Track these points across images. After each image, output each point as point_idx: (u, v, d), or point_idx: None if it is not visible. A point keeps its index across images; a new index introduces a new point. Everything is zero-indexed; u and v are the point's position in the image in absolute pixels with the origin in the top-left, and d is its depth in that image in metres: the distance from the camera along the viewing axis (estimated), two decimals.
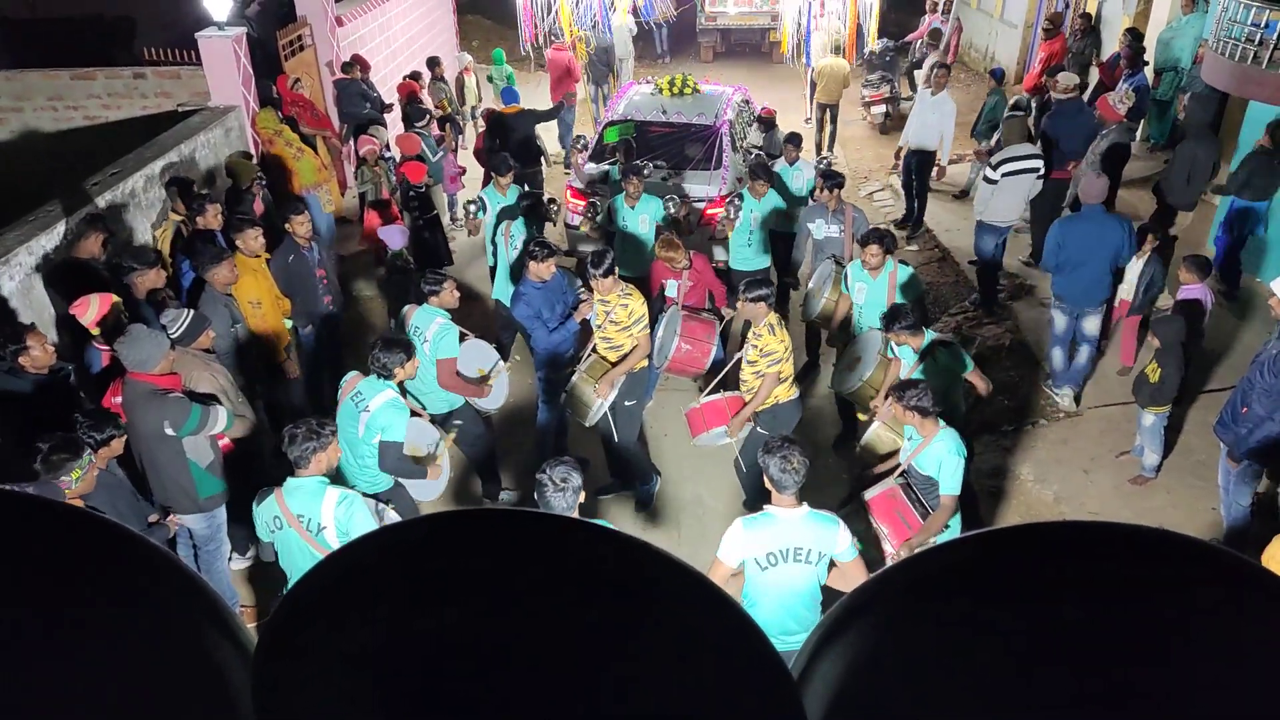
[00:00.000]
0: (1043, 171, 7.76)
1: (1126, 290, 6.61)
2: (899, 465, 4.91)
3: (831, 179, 7.05)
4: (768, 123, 9.72)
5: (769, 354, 5.28)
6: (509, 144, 8.94)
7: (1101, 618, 0.51)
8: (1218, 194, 8.24)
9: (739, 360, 5.58)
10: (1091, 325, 6.78)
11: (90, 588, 0.54)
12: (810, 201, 7.51)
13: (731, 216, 7.37)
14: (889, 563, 4.57)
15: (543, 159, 9.67)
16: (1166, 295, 7.12)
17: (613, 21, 13.47)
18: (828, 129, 12.20)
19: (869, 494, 4.78)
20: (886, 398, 5.29)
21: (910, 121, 9.63)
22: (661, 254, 6.42)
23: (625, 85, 10.96)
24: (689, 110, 9.23)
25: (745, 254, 7.42)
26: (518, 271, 6.62)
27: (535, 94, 11.70)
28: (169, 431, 4.54)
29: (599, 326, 5.81)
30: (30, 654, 0.49)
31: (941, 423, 4.63)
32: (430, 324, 5.48)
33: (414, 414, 5.05)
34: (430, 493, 5.28)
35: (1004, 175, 7.66)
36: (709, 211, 8.22)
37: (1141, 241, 6.62)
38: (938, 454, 4.58)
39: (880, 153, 12.41)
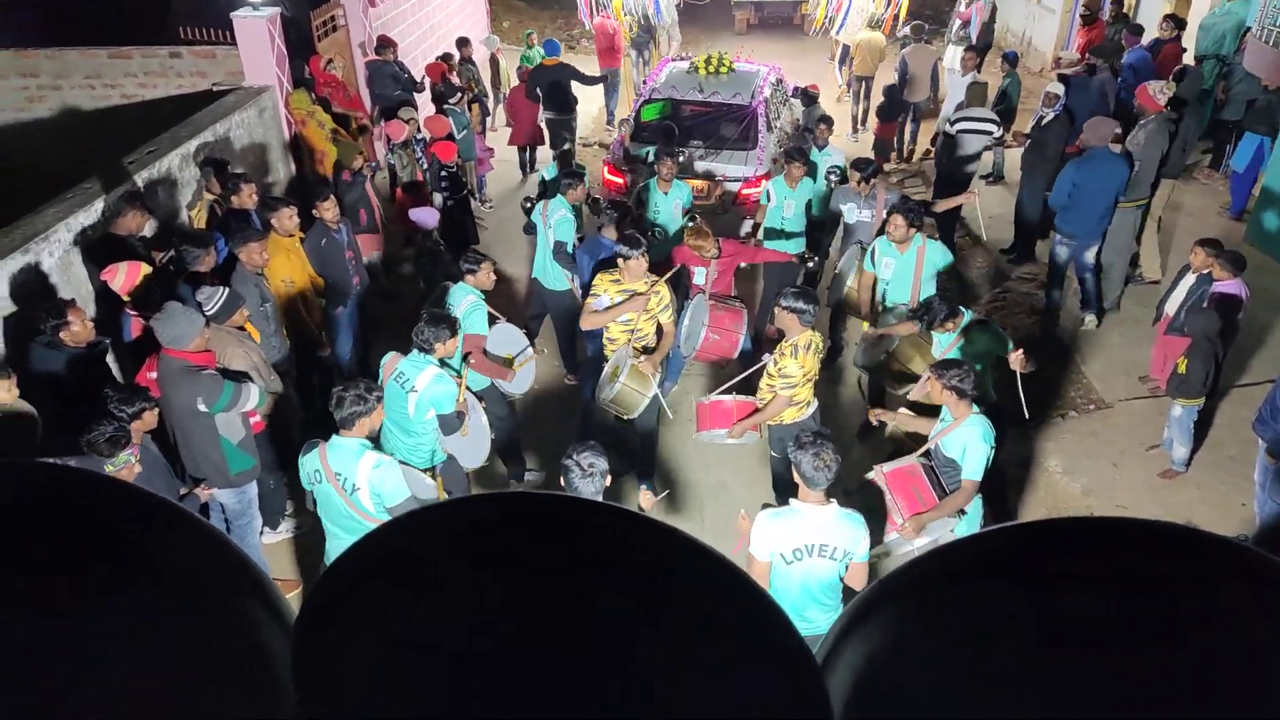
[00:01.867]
0: (997, 135, 8.67)
1: (1172, 306, 6.39)
2: (925, 442, 4.86)
3: (864, 167, 7.00)
4: (811, 98, 9.82)
5: (786, 376, 5.09)
6: (545, 90, 10.21)
7: (1127, 613, 0.51)
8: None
9: (763, 366, 5.44)
10: (1091, 254, 7.40)
11: (135, 560, 0.55)
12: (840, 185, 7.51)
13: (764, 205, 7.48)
14: (894, 534, 4.54)
15: (575, 109, 10.59)
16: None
17: None
18: (862, 103, 12.35)
19: (886, 466, 4.70)
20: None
21: (944, 106, 9.59)
22: (690, 241, 6.37)
23: (663, 60, 11.12)
24: (725, 89, 9.27)
25: (779, 241, 7.40)
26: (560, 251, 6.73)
27: (586, 67, 12.19)
28: (202, 408, 4.62)
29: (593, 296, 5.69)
30: (77, 625, 0.50)
31: (976, 408, 4.55)
32: (461, 301, 5.52)
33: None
34: (475, 459, 5.32)
35: (957, 131, 8.61)
36: (744, 192, 8.29)
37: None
38: (964, 438, 4.50)
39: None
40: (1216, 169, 10.32)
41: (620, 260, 5.58)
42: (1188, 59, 10.37)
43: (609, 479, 3.88)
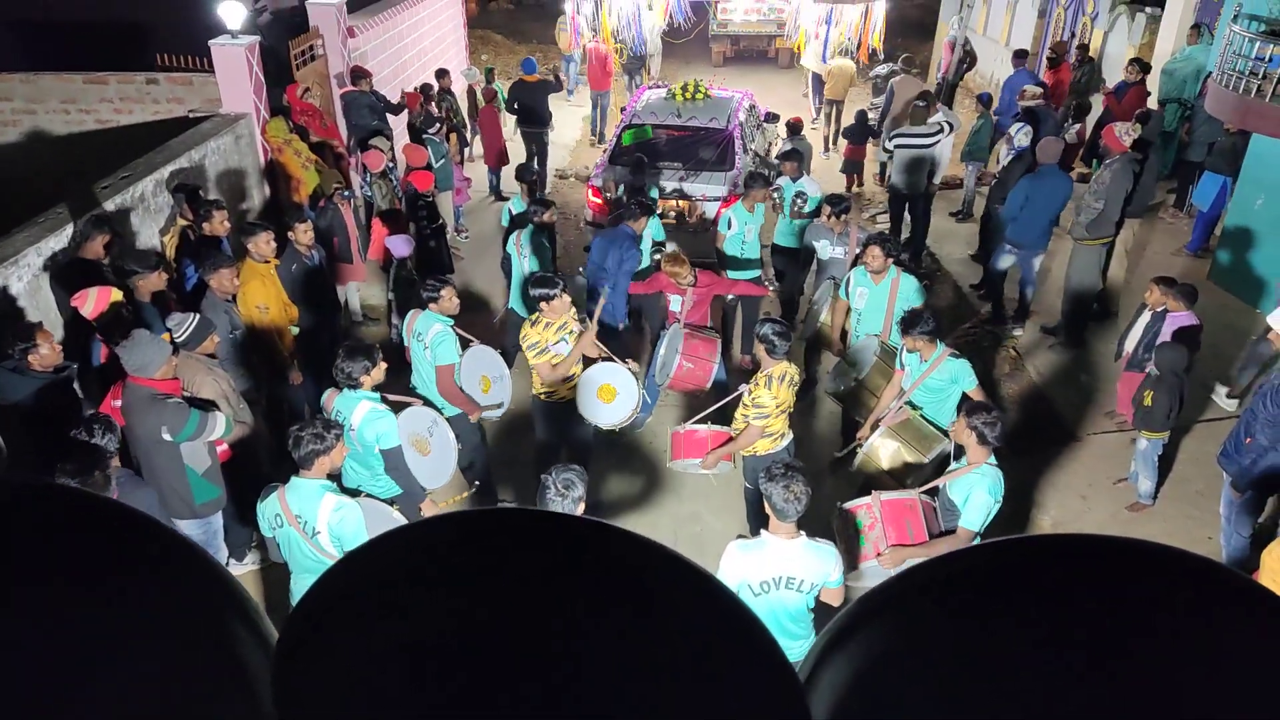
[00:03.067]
0: (936, 139, 9.14)
1: (1131, 342, 6.53)
2: (931, 481, 4.84)
3: (837, 203, 7.11)
4: (794, 129, 10.23)
5: (758, 406, 5.09)
6: (524, 106, 11.15)
7: (1109, 629, 0.52)
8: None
9: (739, 396, 5.45)
10: (1036, 265, 8.07)
11: (118, 576, 0.55)
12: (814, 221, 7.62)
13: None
14: (871, 561, 4.49)
15: (549, 123, 11.43)
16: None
17: (644, 23, 14.66)
18: (832, 125, 13.25)
19: (886, 495, 4.65)
20: (890, 410, 5.32)
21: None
22: (667, 268, 6.42)
23: (640, 88, 11.86)
24: (701, 114, 9.71)
25: (742, 270, 7.52)
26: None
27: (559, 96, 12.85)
28: (166, 437, 4.55)
29: (542, 351, 5.51)
30: (59, 642, 0.49)
31: (992, 459, 4.47)
32: (429, 330, 5.48)
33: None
34: (439, 479, 5.19)
35: (896, 147, 9.22)
36: (722, 211, 8.38)
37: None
38: (971, 485, 4.43)
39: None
40: (1180, 208, 10.56)
41: (543, 303, 5.42)
42: (1151, 102, 10.66)
43: (582, 505, 3.87)
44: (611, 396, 5.73)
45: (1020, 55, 12.04)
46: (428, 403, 5.38)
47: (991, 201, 8.95)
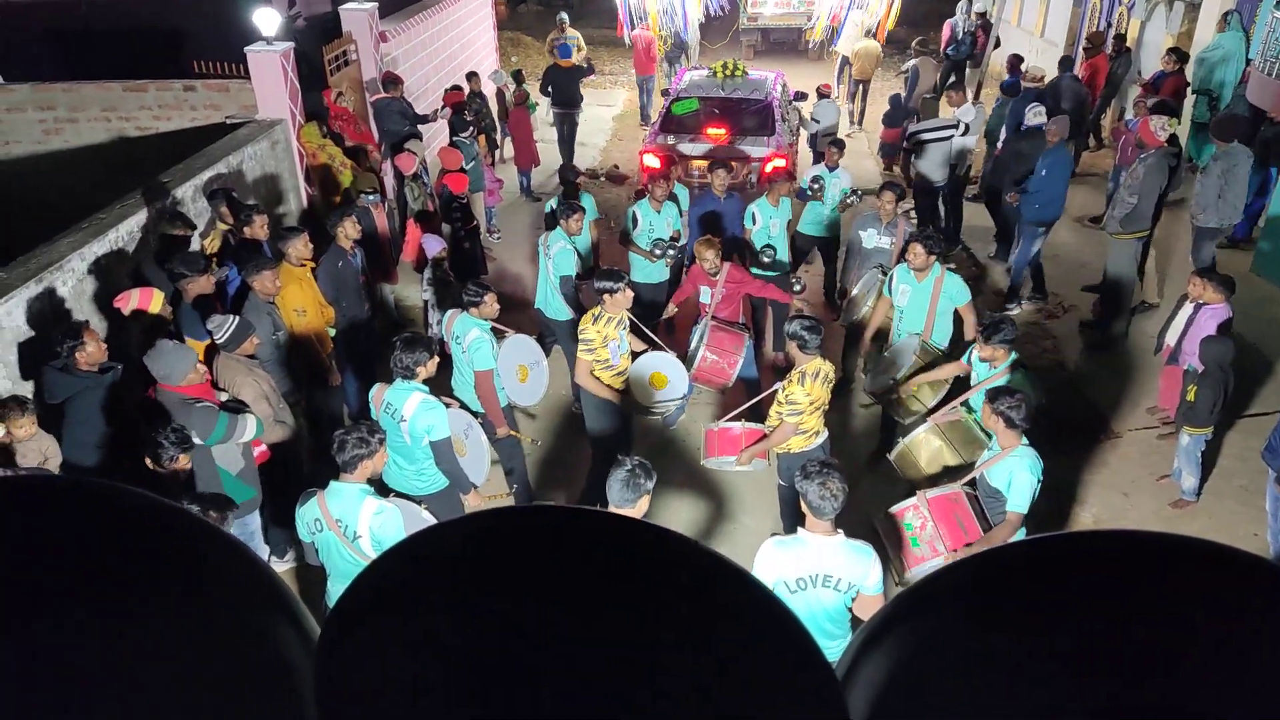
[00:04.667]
0: (959, 133, 9.36)
1: (1172, 336, 6.39)
2: (969, 471, 4.80)
3: (892, 188, 7.12)
4: (822, 94, 11.60)
5: (792, 403, 5.07)
6: (558, 88, 11.90)
7: (1154, 629, 0.51)
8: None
9: (774, 393, 5.43)
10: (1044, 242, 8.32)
11: (162, 572, 0.55)
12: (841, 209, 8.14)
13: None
14: (936, 560, 4.44)
15: (580, 105, 12.28)
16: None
17: (689, 11, 15.77)
18: (859, 103, 14.23)
19: (931, 493, 4.61)
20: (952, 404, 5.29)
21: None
22: (697, 249, 6.52)
23: (680, 70, 12.88)
24: (743, 89, 10.85)
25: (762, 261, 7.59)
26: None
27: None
28: (196, 440, 4.60)
29: (594, 349, 5.60)
30: (108, 640, 0.50)
31: (1024, 439, 4.49)
32: (468, 333, 5.53)
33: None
34: (475, 479, 5.23)
35: (914, 143, 9.50)
36: (766, 169, 9.42)
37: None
38: (1010, 468, 4.44)
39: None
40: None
41: (606, 296, 5.49)
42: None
43: (647, 498, 3.91)
44: (663, 384, 5.88)
45: (1015, 65, 11.52)
46: (464, 406, 5.43)
47: (992, 178, 9.40)
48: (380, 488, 4.38)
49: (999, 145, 10.21)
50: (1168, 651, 0.50)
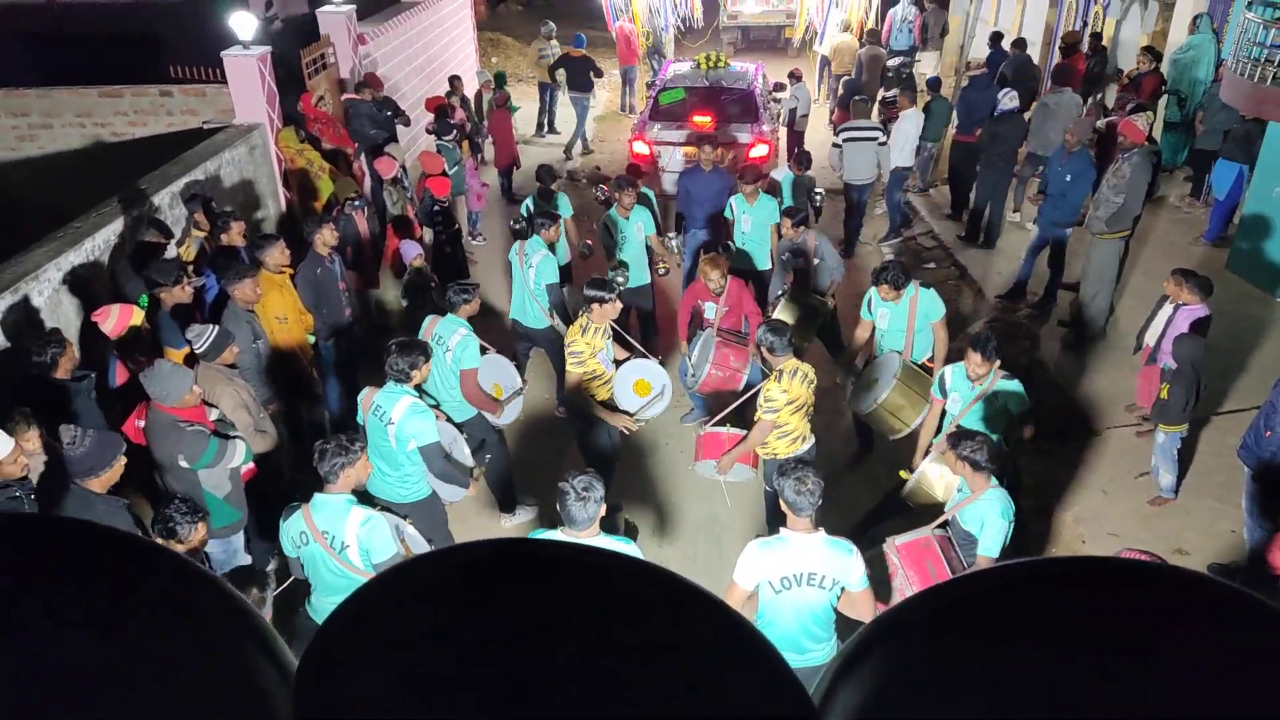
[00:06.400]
0: (882, 140, 9.61)
1: (1151, 336, 6.44)
2: (940, 514, 4.76)
3: (793, 214, 7.25)
4: (796, 77, 12.26)
5: (769, 401, 5.11)
6: (571, 74, 13.36)
7: (1124, 654, 0.52)
8: None
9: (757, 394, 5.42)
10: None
11: (135, 609, 0.56)
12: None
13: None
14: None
15: (592, 90, 13.60)
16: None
17: (669, 8, 16.88)
18: (837, 98, 14.31)
19: (900, 539, 4.59)
20: (938, 445, 5.26)
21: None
22: (703, 269, 6.50)
23: (666, 62, 13.60)
24: (726, 79, 11.41)
25: (743, 253, 7.76)
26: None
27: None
28: (183, 464, 4.58)
29: (583, 360, 5.58)
30: (77, 675, 0.50)
31: (993, 480, 4.45)
32: (453, 334, 5.52)
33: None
34: (455, 495, 5.24)
35: (845, 140, 9.69)
36: (749, 154, 10.00)
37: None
38: (982, 512, 4.40)
39: None
40: (1197, 197, 10.47)
41: (595, 305, 5.50)
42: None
43: (604, 506, 3.88)
44: (646, 391, 5.89)
45: (997, 41, 12.35)
46: (449, 419, 5.42)
47: (983, 151, 9.66)
48: (364, 498, 4.35)
49: (957, 130, 10.62)
50: (1131, 676, 0.51)
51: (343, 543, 4.03)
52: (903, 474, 5.52)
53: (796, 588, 3.78)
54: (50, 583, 0.54)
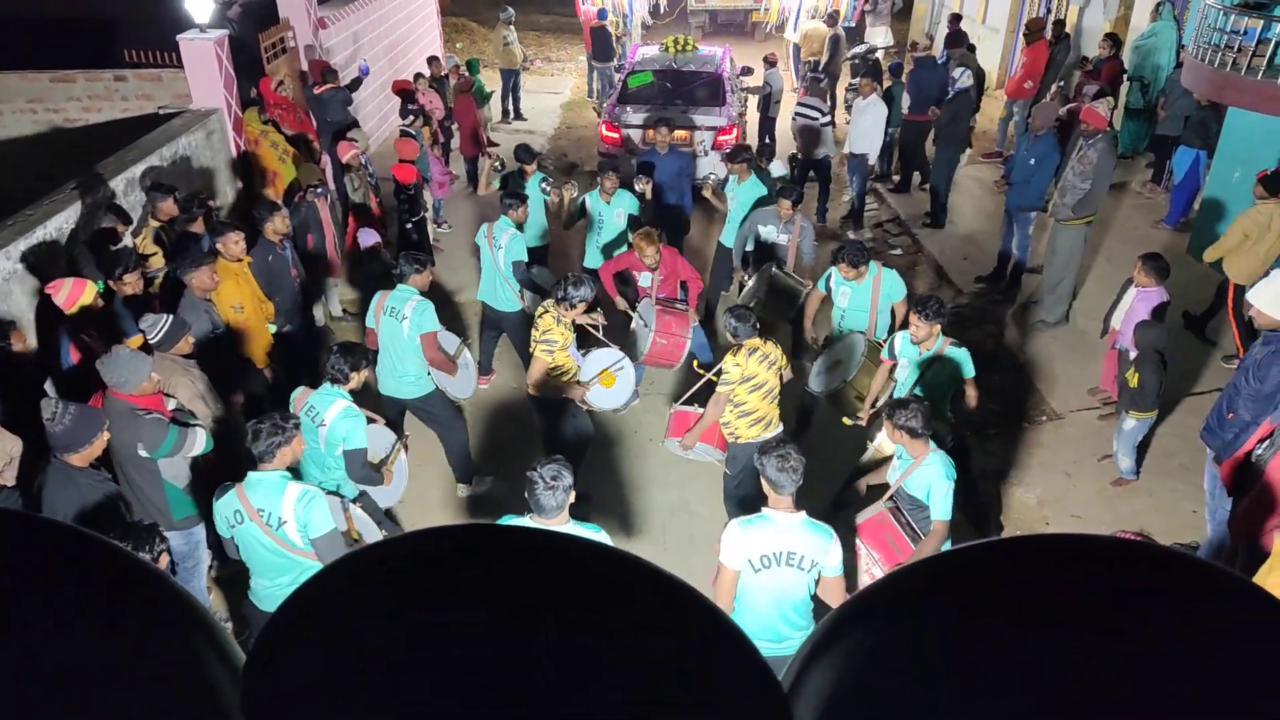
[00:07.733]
0: (824, 120, 9.90)
1: (1117, 319, 6.48)
2: (889, 488, 4.80)
3: (790, 194, 7.23)
4: (770, 62, 12.14)
5: (724, 373, 5.20)
6: (596, 45, 14.31)
7: (1097, 632, 0.51)
8: None
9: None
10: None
11: (80, 604, 0.54)
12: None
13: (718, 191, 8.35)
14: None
15: (614, 60, 14.34)
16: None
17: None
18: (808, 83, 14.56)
19: (859, 518, 4.67)
20: (877, 410, 5.31)
21: (850, 127, 10.26)
22: (637, 242, 6.55)
23: (633, 46, 13.48)
24: (694, 63, 11.35)
25: (728, 232, 7.85)
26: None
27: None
28: (143, 453, 4.49)
29: (555, 350, 5.58)
30: (19, 671, 0.48)
31: (932, 444, 4.52)
32: (406, 302, 5.55)
33: (370, 420, 5.03)
34: (390, 498, 5.27)
35: (795, 115, 10.21)
36: (719, 139, 10.02)
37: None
38: (927, 478, 4.45)
39: None
40: (1158, 183, 10.59)
41: (579, 304, 5.51)
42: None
43: (573, 494, 3.85)
44: (611, 382, 5.90)
45: (956, 21, 12.62)
46: (390, 424, 5.41)
47: (941, 130, 9.97)
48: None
49: (909, 109, 10.84)
50: (1106, 653, 0.51)
51: (280, 519, 3.99)
52: (846, 420, 5.84)
53: (776, 567, 3.79)
54: None
